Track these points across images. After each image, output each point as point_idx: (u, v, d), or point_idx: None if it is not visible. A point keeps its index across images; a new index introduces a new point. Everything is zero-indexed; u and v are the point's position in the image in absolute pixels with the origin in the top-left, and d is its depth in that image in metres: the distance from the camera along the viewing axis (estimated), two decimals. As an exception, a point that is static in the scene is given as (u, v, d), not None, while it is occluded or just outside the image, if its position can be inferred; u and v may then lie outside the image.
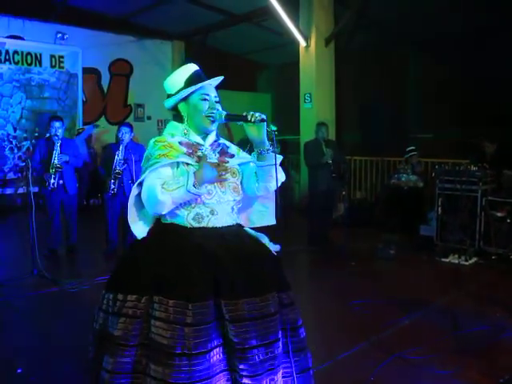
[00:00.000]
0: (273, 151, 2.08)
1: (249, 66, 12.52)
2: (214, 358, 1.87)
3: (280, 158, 2.14)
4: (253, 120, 1.99)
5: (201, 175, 1.95)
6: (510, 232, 5.67)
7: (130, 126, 5.95)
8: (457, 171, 6.10)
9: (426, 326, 3.85)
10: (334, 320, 4.02)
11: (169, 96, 2.20)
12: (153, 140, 2.13)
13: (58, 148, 5.81)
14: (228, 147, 2.25)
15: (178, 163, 2.03)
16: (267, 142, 2.07)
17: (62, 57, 10.00)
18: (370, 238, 6.60)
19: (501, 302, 4.32)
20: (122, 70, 11.31)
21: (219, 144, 2.22)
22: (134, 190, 2.11)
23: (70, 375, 3.08)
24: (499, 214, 5.82)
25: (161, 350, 1.83)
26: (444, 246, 6.02)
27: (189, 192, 1.94)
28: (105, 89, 11.12)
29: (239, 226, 2.19)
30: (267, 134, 2.06)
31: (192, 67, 2.22)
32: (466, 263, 5.65)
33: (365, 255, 6.05)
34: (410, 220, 7.22)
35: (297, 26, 8.30)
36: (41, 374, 3.07)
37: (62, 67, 10.02)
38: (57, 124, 5.90)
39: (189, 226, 2.04)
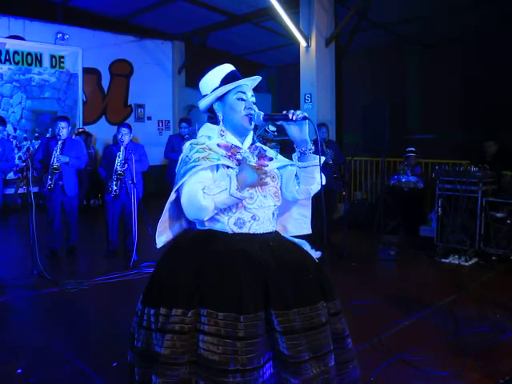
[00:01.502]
0: (316, 151, 1.95)
1: (249, 67, 12.52)
2: (268, 371, 1.78)
3: (323, 158, 2.01)
4: (294, 118, 1.88)
5: (242, 178, 1.83)
6: (510, 233, 5.66)
7: (129, 127, 5.95)
8: (457, 172, 6.10)
9: (426, 327, 3.85)
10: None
11: (203, 97, 2.09)
12: (189, 142, 2.01)
13: (58, 149, 5.80)
14: (265, 150, 2.15)
15: (217, 166, 1.92)
16: (309, 142, 1.95)
17: (63, 57, 10.01)
18: (370, 239, 6.60)
19: (501, 303, 4.31)
20: (122, 71, 11.32)
21: (256, 147, 2.11)
22: (172, 196, 1.97)
23: (69, 376, 3.08)
24: (499, 215, 5.82)
25: (212, 367, 1.71)
26: (444, 247, 6.02)
27: (231, 196, 1.82)
28: (105, 89, 11.13)
29: (278, 233, 2.09)
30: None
31: (228, 67, 2.11)
32: (466, 264, 5.65)
33: (365, 256, 6.04)
34: (411, 221, 7.23)
35: (297, 26, 8.29)
36: (40, 375, 3.07)
37: (63, 67, 10.03)
38: (62, 124, 5.86)
39: (230, 231, 1.93)
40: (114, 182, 5.79)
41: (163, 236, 2.07)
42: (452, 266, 5.63)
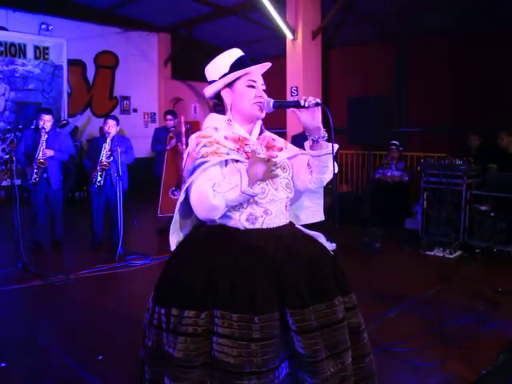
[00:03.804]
0: (328, 139, 1.85)
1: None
2: (284, 371, 1.74)
3: (336, 146, 1.89)
4: (307, 105, 1.77)
5: (253, 173, 1.73)
6: (493, 226, 5.73)
7: (117, 119, 5.91)
8: (442, 165, 6.15)
9: (410, 319, 3.89)
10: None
11: (210, 83, 1.98)
12: (195, 135, 1.90)
13: (44, 143, 5.74)
14: (274, 140, 2.05)
15: (226, 161, 1.83)
16: (323, 129, 1.85)
17: (47, 48, 9.87)
18: (355, 232, 6.64)
19: (484, 295, 4.38)
20: (107, 62, 11.20)
21: (265, 137, 2.02)
22: (182, 196, 1.88)
23: (55, 370, 3.07)
24: (483, 208, 5.90)
25: (227, 369, 1.66)
26: (429, 240, 6.08)
27: (243, 193, 1.73)
28: (90, 81, 11.02)
29: (292, 225, 2.01)
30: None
31: (237, 52, 1.98)
32: (451, 256, 5.71)
33: (350, 248, 6.08)
34: (396, 213, 7.28)
35: (284, 18, 8.27)
36: (24, 369, 3.05)
37: (47, 59, 9.89)
38: (46, 117, 5.79)
39: (242, 227, 1.85)
40: (99, 173, 5.76)
41: (175, 237, 1.99)
42: (436, 258, 5.68)
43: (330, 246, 2.04)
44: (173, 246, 1.97)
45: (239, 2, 9.19)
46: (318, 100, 1.79)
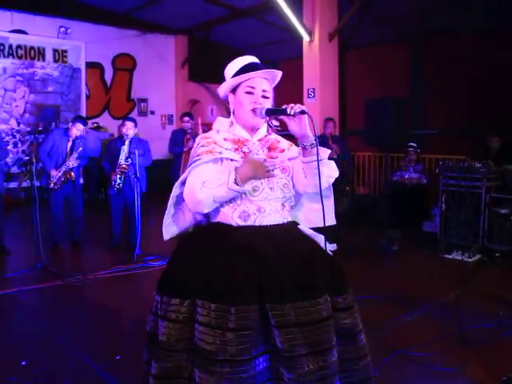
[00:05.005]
0: (317, 145, 1.88)
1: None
2: (260, 365, 1.79)
3: (327, 151, 1.94)
4: (292, 113, 1.82)
5: (244, 171, 1.85)
6: (513, 229, 5.65)
7: (135, 121, 5.95)
8: (461, 167, 6.08)
9: (429, 323, 3.85)
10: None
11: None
12: (199, 137, 2.04)
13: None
14: (279, 142, 2.11)
15: (221, 160, 1.93)
16: (311, 136, 1.88)
17: (66, 51, 10.00)
18: (372, 234, 6.59)
19: (504, 300, 4.31)
20: (125, 65, 11.31)
21: (269, 139, 2.09)
22: (176, 190, 2.01)
23: (73, 369, 3.10)
24: (503, 211, 5.81)
25: (204, 356, 1.76)
26: (447, 243, 6.01)
27: (230, 189, 1.83)
28: (108, 83, 11.12)
29: (292, 224, 2.05)
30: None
31: (248, 59, 2.06)
32: (470, 260, 5.64)
33: (367, 251, 6.04)
34: (414, 216, 7.21)
35: (300, 20, 8.26)
36: (43, 368, 3.08)
37: (65, 61, 10.02)
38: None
39: (234, 224, 1.92)
40: (118, 176, 5.80)
41: (170, 229, 2.10)
42: (455, 261, 5.62)
43: (330, 247, 2.06)
44: (166, 237, 2.10)
45: (256, 3, 9.21)
46: (304, 108, 1.84)
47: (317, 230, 2.07)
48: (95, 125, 10.32)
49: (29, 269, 5.03)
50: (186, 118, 7.10)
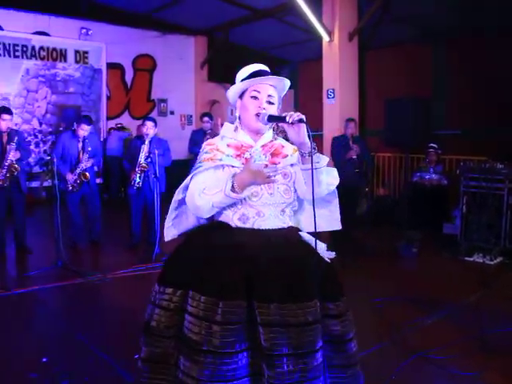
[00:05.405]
0: (314, 154, 1.90)
1: (271, 62, 12.45)
2: (243, 360, 1.83)
3: (326, 159, 1.98)
4: (290, 121, 1.86)
5: (243, 178, 1.88)
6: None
7: (155, 121, 5.99)
8: (482, 168, 6.00)
9: (449, 326, 3.81)
10: (355, 318, 3.99)
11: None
12: (204, 143, 2.12)
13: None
14: (283, 147, 2.13)
15: (223, 166, 2.00)
16: (309, 144, 1.90)
17: (87, 52, 10.12)
18: (392, 236, 6.54)
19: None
20: (145, 66, 11.38)
21: (273, 144, 2.12)
22: (179, 195, 2.11)
23: (92, 367, 3.13)
24: (525, 213, 5.71)
25: (190, 345, 1.83)
26: (468, 245, 5.93)
27: (227, 196, 1.90)
28: (128, 84, 11.22)
29: (292, 230, 2.09)
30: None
31: (256, 66, 2.12)
32: (491, 263, 5.55)
33: (387, 253, 5.99)
34: (434, 218, 7.13)
35: (320, 20, 8.23)
36: (64, 366, 3.12)
37: (87, 63, 10.14)
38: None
39: (234, 225, 2.00)
40: (138, 175, 5.85)
41: (170, 231, 2.22)
42: (476, 264, 5.54)
43: (328, 254, 2.09)
44: (167, 238, 2.23)
45: (275, 4, 9.20)
46: (302, 117, 1.87)
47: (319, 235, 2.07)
48: (119, 125, 10.43)
49: (49, 267, 5.11)
50: (206, 119, 7.12)
